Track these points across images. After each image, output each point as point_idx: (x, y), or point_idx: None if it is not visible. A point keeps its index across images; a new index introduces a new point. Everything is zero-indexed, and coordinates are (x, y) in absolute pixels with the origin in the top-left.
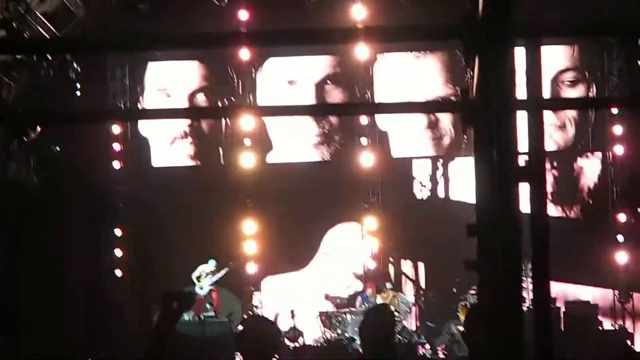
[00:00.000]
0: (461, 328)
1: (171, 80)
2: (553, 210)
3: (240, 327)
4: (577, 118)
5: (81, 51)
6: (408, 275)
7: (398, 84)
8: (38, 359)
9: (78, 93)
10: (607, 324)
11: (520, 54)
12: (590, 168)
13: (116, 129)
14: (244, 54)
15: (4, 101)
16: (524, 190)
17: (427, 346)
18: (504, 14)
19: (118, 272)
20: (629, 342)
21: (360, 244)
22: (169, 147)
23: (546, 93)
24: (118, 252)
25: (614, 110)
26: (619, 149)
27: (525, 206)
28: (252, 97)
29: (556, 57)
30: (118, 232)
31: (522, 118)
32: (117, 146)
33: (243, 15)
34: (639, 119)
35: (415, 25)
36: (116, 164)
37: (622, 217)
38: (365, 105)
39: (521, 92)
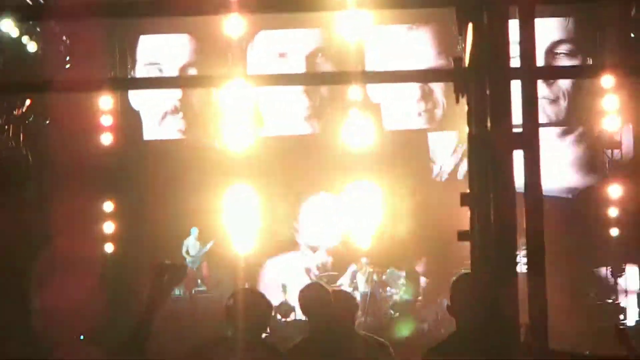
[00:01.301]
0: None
1: (162, 54)
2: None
3: (230, 301)
4: (570, 91)
5: (66, 17)
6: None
7: (390, 56)
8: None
9: (67, 66)
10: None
11: (514, 26)
12: (580, 142)
13: (107, 103)
14: (236, 26)
15: None
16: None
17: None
18: None
19: (109, 246)
20: (621, 317)
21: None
22: (160, 121)
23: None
24: (110, 226)
25: (608, 83)
26: (612, 122)
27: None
28: (244, 70)
29: (550, 29)
30: (109, 205)
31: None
32: (107, 120)
33: None
34: (633, 90)
35: None
36: (107, 138)
37: (614, 191)
38: (357, 74)
39: (515, 62)
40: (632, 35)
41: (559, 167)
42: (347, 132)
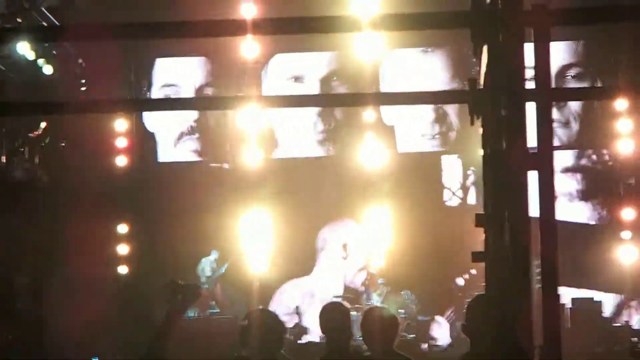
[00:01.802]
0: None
1: (178, 76)
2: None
3: (244, 322)
4: (581, 114)
5: (82, 38)
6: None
7: (405, 80)
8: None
9: (83, 89)
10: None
11: (528, 49)
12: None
13: (122, 125)
14: (251, 50)
15: (7, 95)
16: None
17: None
18: (513, 2)
19: (124, 268)
20: (634, 339)
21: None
22: (176, 142)
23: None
24: (124, 249)
25: (621, 106)
26: (625, 145)
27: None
28: (258, 92)
29: (560, 53)
30: (124, 228)
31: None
32: (123, 142)
33: (249, 9)
34: None
35: (423, 14)
36: (122, 160)
37: (628, 214)
38: (372, 95)
39: (529, 84)
40: None
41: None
42: (361, 154)
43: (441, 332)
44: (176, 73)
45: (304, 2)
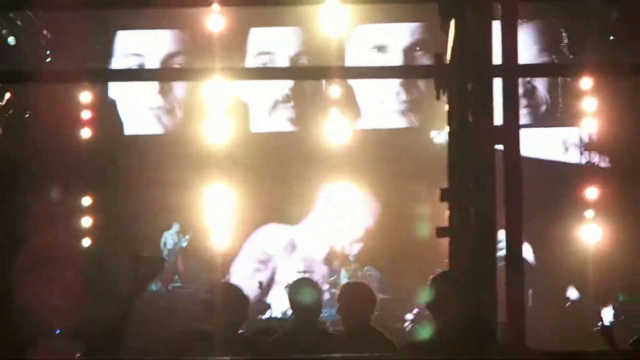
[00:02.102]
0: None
1: (144, 47)
2: None
3: (207, 295)
4: (549, 92)
5: (47, 7)
6: None
7: (371, 55)
8: None
9: (48, 60)
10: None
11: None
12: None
13: (86, 97)
14: (221, 23)
15: None
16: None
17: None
18: None
19: (87, 241)
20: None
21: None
22: (141, 115)
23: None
24: (87, 221)
25: (586, 84)
26: (590, 124)
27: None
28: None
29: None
30: (87, 200)
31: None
32: (87, 113)
33: None
34: (612, 92)
35: None
36: (86, 132)
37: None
38: (336, 69)
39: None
40: (612, 37)
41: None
42: (326, 130)
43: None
44: (142, 44)
45: None
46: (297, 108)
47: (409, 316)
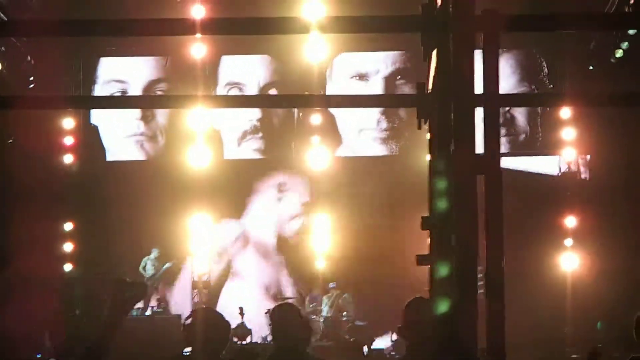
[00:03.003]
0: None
1: (126, 73)
2: None
3: (188, 320)
4: (528, 121)
5: (30, 34)
6: None
7: (353, 84)
8: None
9: (31, 86)
10: None
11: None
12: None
13: (69, 123)
14: (200, 51)
15: None
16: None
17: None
18: (464, 7)
19: (68, 266)
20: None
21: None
22: (123, 141)
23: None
24: (69, 246)
25: (565, 114)
26: (570, 153)
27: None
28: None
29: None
30: (69, 225)
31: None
32: (69, 139)
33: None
34: (591, 121)
35: (373, 17)
36: (68, 158)
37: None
38: (317, 97)
39: (478, 89)
40: (591, 67)
41: None
42: (309, 157)
43: (382, 335)
44: (124, 71)
45: (254, 4)
46: (265, 138)
47: (387, 341)
